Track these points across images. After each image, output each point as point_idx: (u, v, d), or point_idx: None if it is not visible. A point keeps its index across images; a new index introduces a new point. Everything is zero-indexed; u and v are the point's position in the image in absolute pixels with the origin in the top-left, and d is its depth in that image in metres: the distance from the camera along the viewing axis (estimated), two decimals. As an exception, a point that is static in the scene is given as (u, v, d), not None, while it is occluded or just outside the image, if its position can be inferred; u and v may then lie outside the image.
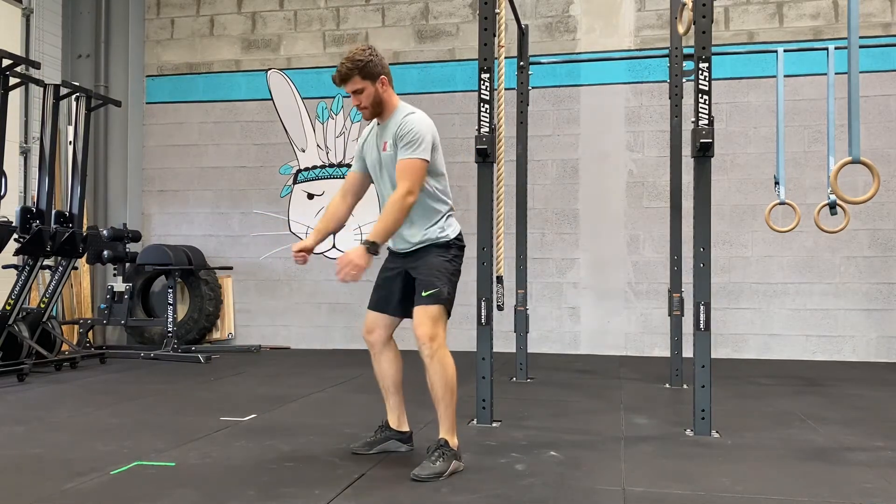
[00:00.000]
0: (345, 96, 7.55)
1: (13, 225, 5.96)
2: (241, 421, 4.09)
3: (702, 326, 3.80)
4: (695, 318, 3.82)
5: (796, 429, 3.95)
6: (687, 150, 4.49)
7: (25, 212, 6.09)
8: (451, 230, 3.20)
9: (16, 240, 6.01)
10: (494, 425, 3.95)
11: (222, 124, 8.06)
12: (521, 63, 5.68)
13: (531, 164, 6.45)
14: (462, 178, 7.09)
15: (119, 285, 7.27)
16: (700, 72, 3.78)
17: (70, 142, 6.78)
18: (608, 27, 7.30)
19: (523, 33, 5.66)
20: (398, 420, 3.37)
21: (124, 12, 8.10)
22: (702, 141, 3.75)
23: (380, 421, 3.43)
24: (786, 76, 5.77)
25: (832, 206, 5.33)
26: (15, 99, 6.61)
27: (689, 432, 3.81)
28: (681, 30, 4.11)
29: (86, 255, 6.76)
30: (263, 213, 7.92)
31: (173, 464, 3.20)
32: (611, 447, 3.53)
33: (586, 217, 7.28)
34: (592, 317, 7.24)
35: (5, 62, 5.60)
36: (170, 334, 6.98)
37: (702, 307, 3.80)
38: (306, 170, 7.88)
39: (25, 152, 7.30)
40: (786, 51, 5.53)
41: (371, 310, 3.31)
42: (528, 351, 5.62)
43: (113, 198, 8.09)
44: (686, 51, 4.92)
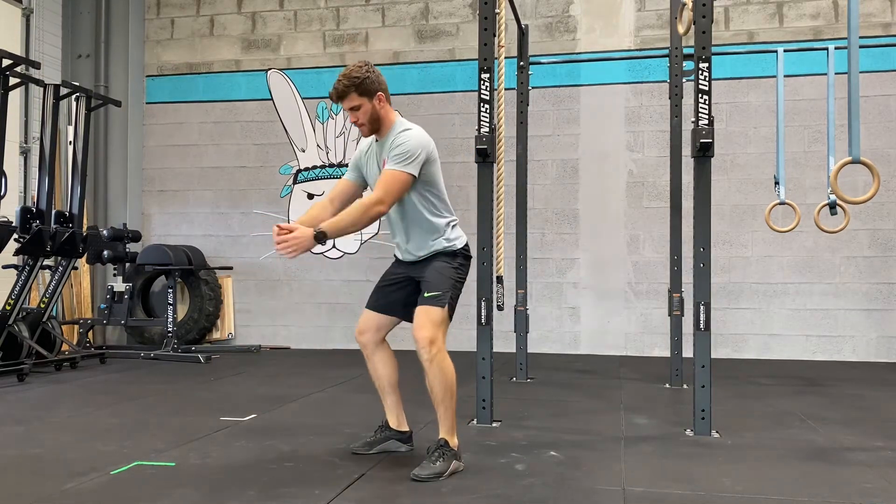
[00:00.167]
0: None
1: (13, 225, 5.96)
2: (241, 421, 4.09)
3: (702, 326, 3.80)
4: (695, 318, 3.82)
5: (796, 429, 3.95)
6: (687, 150, 4.49)
7: (25, 212, 6.09)
8: (458, 241, 3.20)
9: (16, 240, 6.01)
10: (494, 425, 3.95)
11: (222, 124, 8.06)
12: (521, 63, 5.68)
13: (531, 164, 6.45)
14: (462, 178, 7.10)
15: (119, 285, 7.27)
16: (700, 72, 3.78)
17: (70, 142, 6.78)
18: (608, 27, 7.30)
19: (523, 33, 5.66)
20: (397, 420, 3.37)
21: (124, 12, 8.10)
22: (702, 141, 3.75)
23: (380, 421, 3.43)
24: (786, 76, 5.76)
25: (832, 206, 5.32)
26: (15, 99, 6.61)
27: (689, 432, 3.81)
28: (681, 30, 4.11)
29: (86, 255, 6.76)
30: (263, 214, 7.92)
31: (173, 464, 3.20)
32: (611, 447, 3.53)
33: (586, 217, 7.28)
34: (592, 317, 7.24)
35: (5, 62, 5.60)
36: (170, 334, 6.98)
37: (702, 307, 3.80)
38: (306, 170, 7.88)
39: (25, 152, 7.30)
40: (786, 51, 5.53)
41: (369, 309, 3.31)
42: (528, 351, 5.62)
43: (113, 198, 8.09)
44: (686, 51, 4.92)
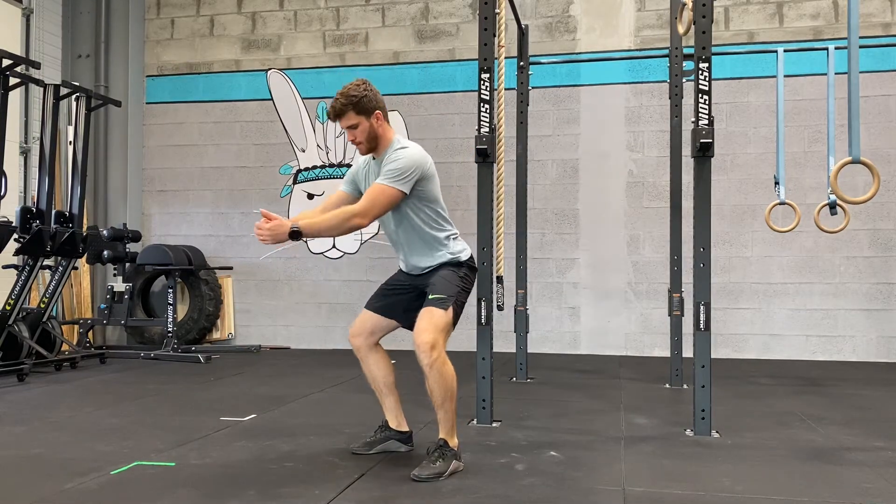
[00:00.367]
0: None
1: (13, 225, 5.96)
2: (241, 421, 4.09)
3: (702, 326, 3.80)
4: (695, 318, 3.82)
5: (796, 429, 3.95)
6: (687, 150, 4.49)
7: (25, 212, 6.09)
8: (462, 254, 3.19)
9: (16, 240, 6.01)
10: (494, 425, 3.95)
11: (222, 124, 8.06)
12: (521, 63, 5.67)
13: (531, 164, 6.45)
14: (462, 178, 7.11)
15: (119, 285, 7.27)
16: (700, 72, 3.78)
17: (70, 142, 6.78)
18: (608, 27, 7.30)
19: (523, 33, 5.66)
20: (397, 420, 3.37)
21: (124, 12, 8.10)
22: (702, 141, 3.75)
23: (380, 421, 3.43)
24: (786, 76, 5.76)
25: (832, 206, 5.32)
26: (15, 99, 6.61)
27: (689, 432, 3.81)
28: (681, 30, 4.11)
29: (86, 255, 6.75)
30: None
31: (173, 464, 3.20)
32: (611, 447, 3.53)
33: (586, 217, 7.28)
34: (592, 317, 7.24)
35: (5, 62, 5.60)
36: (170, 334, 6.98)
37: (702, 307, 3.80)
38: (306, 170, 7.88)
39: (25, 152, 7.30)
40: (786, 51, 5.53)
41: (368, 309, 3.30)
42: (528, 351, 5.61)
43: (113, 198, 8.09)
44: (686, 51, 4.93)
